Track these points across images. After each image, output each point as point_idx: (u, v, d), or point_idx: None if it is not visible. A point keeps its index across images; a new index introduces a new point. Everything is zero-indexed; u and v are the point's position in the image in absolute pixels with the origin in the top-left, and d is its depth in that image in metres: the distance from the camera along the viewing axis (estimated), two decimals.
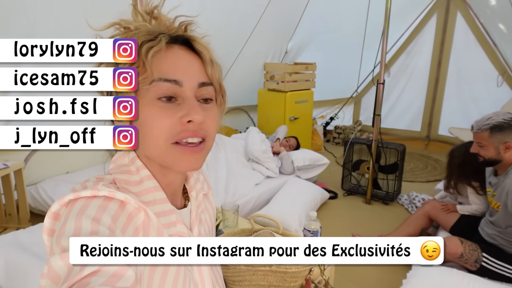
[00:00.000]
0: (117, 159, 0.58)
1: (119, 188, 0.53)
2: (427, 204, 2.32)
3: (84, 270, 0.39)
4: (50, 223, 0.49)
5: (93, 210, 0.46)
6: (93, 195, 0.48)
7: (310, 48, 4.67)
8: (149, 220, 0.53)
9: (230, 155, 2.91)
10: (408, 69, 5.00)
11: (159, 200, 0.56)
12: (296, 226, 2.40)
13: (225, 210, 1.63)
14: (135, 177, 0.56)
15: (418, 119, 5.03)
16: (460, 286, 1.56)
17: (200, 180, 0.71)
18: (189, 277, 0.58)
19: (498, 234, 1.79)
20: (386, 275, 2.10)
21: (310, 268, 1.18)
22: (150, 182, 0.56)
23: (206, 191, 0.72)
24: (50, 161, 2.67)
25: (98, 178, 0.55)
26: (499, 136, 1.70)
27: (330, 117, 5.46)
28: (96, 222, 0.45)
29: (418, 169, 4.12)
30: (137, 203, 0.51)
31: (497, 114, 1.74)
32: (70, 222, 0.44)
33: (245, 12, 3.52)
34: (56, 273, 0.40)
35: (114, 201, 0.49)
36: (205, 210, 0.70)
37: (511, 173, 1.69)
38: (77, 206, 0.47)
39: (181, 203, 0.65)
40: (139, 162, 0.57)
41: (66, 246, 0.41)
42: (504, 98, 4.13)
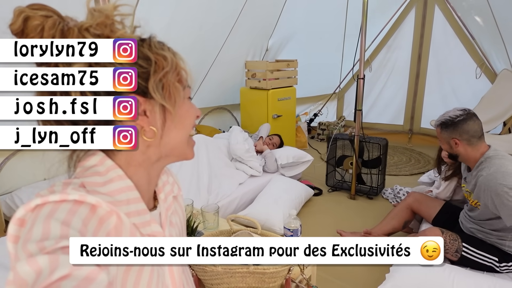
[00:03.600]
0: (84, 162, 0.56)
1: (90, 192, 0.52)
2: (409, 197, 2.33)
3: (53, 274, 0.38)
4: (15, 229, 0.47)
5: (63, 213, 0.45)
6: (62, 199, 0.47)
7: (291, 45, 4.66)
8: (121, 223, 0.52)
9: (212, 155, 2.87)
10: (389, 64, 5.05)
11: (132, 200, 0.55)
12: (280, 225, 2.38)
13: (205, 212, 1.60)
14: (104, 177, 0.54)
15: (401, 112, 5.09)
16: (442, 278, 1.56)
17: (170, 182, 0.70)
18: (161, 281, 0.57)
19: (476, 227, 1.80)
20: (369, 270, 2.10)
21: (289, 267, 1.16)
22: (122, 182, 0.55)
23: (176, 193, 0.71)
24: (25, 168, 2.58)
25: (65, 182, 0.53)
26: (447, 133, 1.79)
27: (313, 114, 5.47)
28: (66, 226, 0.43)
29: (401, 163, 4.17)
30: (109, 207, 0.50)
31: (449, 111, 1.81)
32: (38, 226, 0.43)
33: (223, 11, 3.48)
34: (23, 279, 0.38)
35: (85, 204, 0.48)
36: (175, 212, 0.69)
37: (481, 169, 1.69)
38: (45, 210, 0.45)
39: (150, 205, 0.64)
40: (109, 162, 0.55)
41: (33, 251, 0.40)
42: (482, 89, 4.20)
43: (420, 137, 4.93)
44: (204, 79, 3.80)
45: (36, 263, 0.38)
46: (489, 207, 1.64)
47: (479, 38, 4.27)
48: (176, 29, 3.08)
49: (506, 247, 1.69)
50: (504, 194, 1.54)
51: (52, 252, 0.39)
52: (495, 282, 1.52)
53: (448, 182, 2.23)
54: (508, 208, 1.54)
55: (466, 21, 4.31)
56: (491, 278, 1.59)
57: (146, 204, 0.59)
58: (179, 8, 2.98)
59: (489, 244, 1.75)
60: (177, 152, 0.60)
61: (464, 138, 1.74)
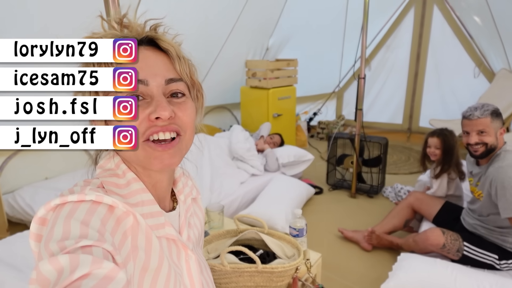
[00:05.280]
0: (103, 164, 0.59)
1: (107, 192, 0.53)
2: (410, 196, 2.36)
3: (74, 274, 0.39)
4: (37, 228, 0.48)
5: (82, 213, 0.46)
6: (80, 200, 0.48)
7: (291, 44, 4.66)
8: (137, 224, 0.53)
9: (214, 154, 2.88)
10: (388, 63, 5.07)
11: (146, 202, 0.56)
12: (282, 224, 2.40)
13: (210, 211, 1.61)
14: (122, 180, 0.56)
15: (400, 112, 5.11)
16: (444, 276, 1.58)
17: (189, 185, 0.71)
18: (179, 281, 0.57)
19: (480, 224, 1.83)
20: (372, 268, 2.13)
21: (297, 266, 1.18)
22: (137, 184, 0.57)
23: (195, 196, 0.73)
24: (27, 167, 2.58)
25: (86, 182, 0.55)
26: (497, 122, 1.74)
27: (313, 113, 5.49)
28: (85, 225, 0.45)
29: (401, 161, 4.19)
30: (125, 207, 0.51)
31: (483, 104, 1.77)
32: (58, 226, 0.44)
33: (224, 10, 3.48)
34: (46, 278, 0.39)
35: (102, 205, 0.49)
36: (194, 214, 0.71)
37: (495, 161, 1.73)
38: (65, 210, 0.46)
39: (169, 206, 0.65)
40: (124, 166, 0.57)
41: (54, 251, 0.41)
42: (481, 89, 4.24)
43: (418, 136, 4.96)
44: (205, 78, 3.81)
45: (58, 263, 0.39)
46: (492, 196, 1.68)
47: (477, 38, 4.30)
48: (176, 27, 3.07)
49: (508, 243, 1.72)
50: (510, 188, 1.58)
51: (73, 252, 0.40)
52: (497, 280, 1.55)
53: (439, 180, 2.26)
54: (507, 201, 1.60)
55: (464, 21, 4.33)
56: (492, 275, 1.62)
57: (161, 207, 0.60)
58: (179, 7, 2.98)
59: (489, 242, 1.78)
60: (134, 162, 0.57)
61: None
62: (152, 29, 0.58)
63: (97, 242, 0.43)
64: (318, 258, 1.42)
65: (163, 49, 0.57)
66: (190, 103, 0.59)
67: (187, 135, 0.57)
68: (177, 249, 0.60)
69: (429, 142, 2.28)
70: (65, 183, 2.53)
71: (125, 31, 0.56)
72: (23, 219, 2.35)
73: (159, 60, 0.56)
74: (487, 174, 1.73)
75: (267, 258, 1.24)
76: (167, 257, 0.56)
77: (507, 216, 1.61)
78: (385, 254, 2.27)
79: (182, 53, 0.58)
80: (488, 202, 1.74)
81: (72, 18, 1.76)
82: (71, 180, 2.56)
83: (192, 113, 0.58)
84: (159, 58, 0.56)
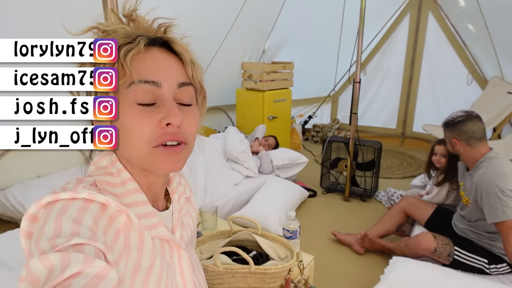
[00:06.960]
0: (97, 161, 0.58)
1: (100, 190, 0.53)
2: (403, 200, 2.37)
3: (65, 272, 0.38)
4: (28, 225, 0.48)
5: (74, 211, 0.45)
6: (73, 197, 0.47)
7: (287, 47, 4.69)
8: (130, 223, 0.53)
9: (208, 155, 2.88)
10: (383, 68, 5.11)
11: (140, 202, 0.56)
12: (276, 226, 2.40)
13: (203, 212, 1.61)
14: (117, 178, 0.56)
15: (394, 116, 5.15)
16: (435, 279, 1.60)
17: (182, 184, 0.71)
18: (171, 280, 0.57)
19: (469, 228, 1.85)
20: (365, 271, 2.14)
21: (290, 268, 1.18)
22: (131, 184, 0.56)
23: (188, 195, 0.73)
24: (19, 165, 2.55)
25: (79, 180, 0.54)
26: (448, 132, 1.85)
27: (308, 116, 5.51)
28: (77, 223, 0.44)
29: (394, 166, 4.22)
30: (118, 205, 0.50)
31: (454, 112, 1.86)
32: (50, 223, 0.43)
33: (221, 11, 3.49)
34: (36, 276, 0.39)
35: (95, 203, 0.49)
36: (187, 213, 0.70)
37: (479, 168, 1.75)
38: (57, 207, 0.46)
39: (162, 206, 0.65)
40: (119, 164, 0.57)
41: (45, 248, 0.40)
42: (473, 95, 4.29)
43: (412, 141, 5.00)
44: None
45: (48, 261, 0.39)
46: (478, 202, 1.71)
47: (471, 45, 4.36)
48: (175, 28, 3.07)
49: (497, 248, 1.74)
50: (493, 194, 1.61)
51: (64, 250, 0.40)
52: (486, 284, 1.56)
53: (440, 188, 2.28)
54: (491, 207, 1.62)
55: (458, 28, 4.39)
56: (482, 280, 1.63)
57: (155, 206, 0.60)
58: (176, 9, 2.98)
59: (479, 247, 1.81)
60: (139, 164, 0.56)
61: (463, 138, 1.79)
62: (160, 28, 0.58)
63: (89, 240, 0.43)
64: (311, 260, 1.43)
65: (177, 53, 0.57)
66: (196, 112, 0.59)
67: (191, 143, 0.58)
68: (170, 248, 0.60)
69: (436, 149, 2.29)
70: (58, 181, 2.51)
71: (132, 25, 0.56)
72: (14, 217, 2.33)
73: (173, 63, 0.56)
74: (473, 180, 1.75)
75: (260, 259, 1.24)
76: (160, 256, 0.56)
77: (492, 221, 1.63)
78: (377, 258, 2.28)
79: (194, 58, 0.58)
80: (475, 208, 1.76)
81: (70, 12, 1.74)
82: (64, 178, 2.54)
83: (197, 124, 0.59)
84: (172, 61, 0.56)
